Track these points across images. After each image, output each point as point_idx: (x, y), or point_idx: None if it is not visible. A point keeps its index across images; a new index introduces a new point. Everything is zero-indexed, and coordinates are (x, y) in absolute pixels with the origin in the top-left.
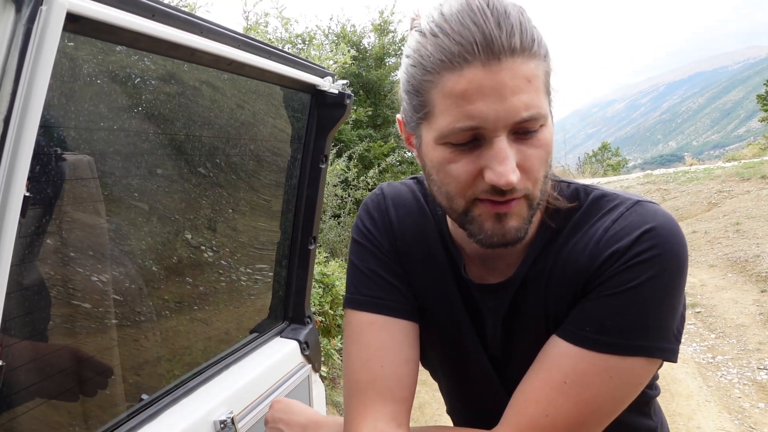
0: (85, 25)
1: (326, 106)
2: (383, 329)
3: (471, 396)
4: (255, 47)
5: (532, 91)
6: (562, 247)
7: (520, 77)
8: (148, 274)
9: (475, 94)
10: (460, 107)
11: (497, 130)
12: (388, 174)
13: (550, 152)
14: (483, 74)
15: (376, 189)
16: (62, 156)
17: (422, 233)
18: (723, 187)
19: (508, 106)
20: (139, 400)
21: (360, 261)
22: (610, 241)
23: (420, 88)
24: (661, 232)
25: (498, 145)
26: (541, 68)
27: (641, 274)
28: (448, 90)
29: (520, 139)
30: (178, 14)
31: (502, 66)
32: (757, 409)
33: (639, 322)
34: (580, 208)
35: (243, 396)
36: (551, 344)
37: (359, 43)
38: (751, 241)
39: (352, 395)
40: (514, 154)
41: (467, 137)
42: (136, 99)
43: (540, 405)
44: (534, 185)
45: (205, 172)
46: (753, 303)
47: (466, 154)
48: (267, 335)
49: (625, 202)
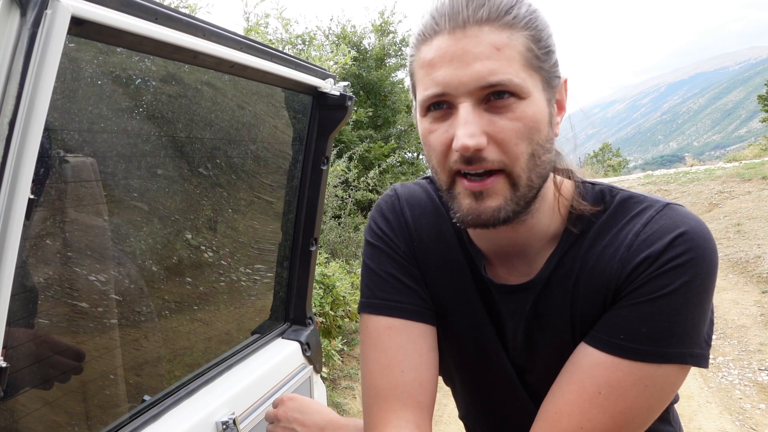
0: (89, 29)
1: (327, 107)
2: (402, 333)
3: (490, 401)
4: (257, 50)
5: (502, 59)
6: (590, 249)
7: (485, 44)
8: (151, 275)
9: (441, 61)
10: (429, 75)
11: (460, 96)
12: (388, 175)
13: (534, 129)
14: (448, 42)
15: (389, 190)
16: (65, 158)
17: (439, 233)
18: (724, 188)
19: (471, 71)
20: (142, 401)
21: (375, 264)
22: (642, 245)
23: (410, 67)
24: (694, 236)
25: (460, 111)
26: (517, 40)
27: (675, 280)
28: (421, 60)
29: (492, 109)
30: (181, 17)
31: (467, 33)
32: (758, 410)
33: (673, 329)
34: (606, 210)
35: (245, 397)
36: (581, 353)
37: (360, 44)
38: (752, 241)
39: (373, 402)
40: (480, 123)
41: (435, 101)
42: (139, 101)
43: (574, 418)
44: (513, 161)
45: (207, 174)
46: (754, 304)
47: (441, 123)
48: (268, 336)
49: (654, 205)
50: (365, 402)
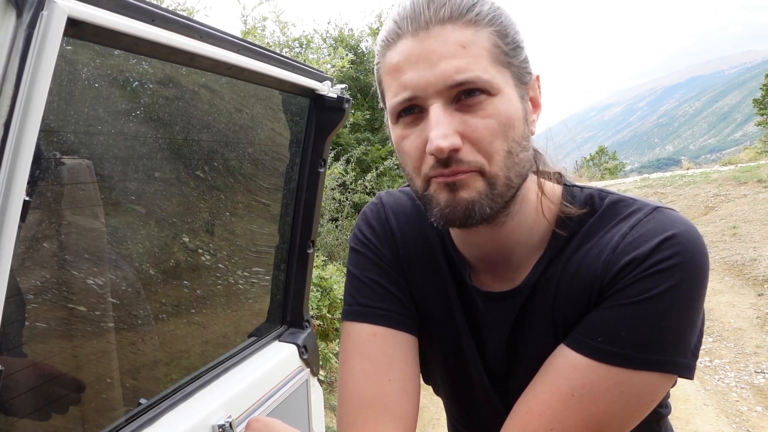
0: (86, 30)
1: (325, 110)
2: (388, 341)
3: (472, 414)
4: (255, 52)
5: (469, 56)
6: (575, 252)
7: (450, 43)
8: (148, 278)
9: (406, 64)
10: (396, 80)
11: (429, 98)
12: (385, 177)
13: (508, 125)
14: (412, 44)
15: (374, 198)
16: (62, 160)
17: (424, 241)
18: (720, 191)
19: (438, 71)
20: (138, 404)
21: (360, 270)
22: (628, 247)
23: (377, 75)
24: (683, 240)
25: (431, 113)
26: (482, 36)
27: (660, 284)
28: (387, 66)
29: (464, 108)
30: (178, 19)
31: (430, 34)
32: (755, 412)
33: (655, 334)
34: (594, 214)
35: (241, 400)
36: (559, 354)
37: (357, 47)
38: (748, 244)
39: (358, 412)
40: (452, 123)
41: (405, 106)
42: (136, 103)
43: (544, 418)
44: (489, 160)
45: (204, 176)
46: (750, 306)
47: (413, 128)
48: (265, 339)
49: (644, 208)
50: (346, 409)
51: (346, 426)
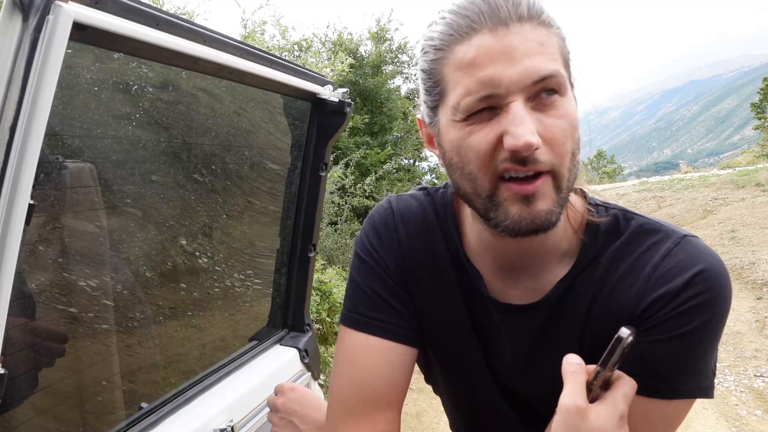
0: (91, 35)
1: (326, 114)
2: (380, 353)
3: (477, 421)
4: (257, 56)
5: (547, 54)
6: (605, 275)
7: (530, 41)
8: (150, 282)
9: (485, 59)
10: (471, 76)
11: (511, 95)
12: (384, 181)
13: (575, 127)
14: (491, 40)
15: (383, 201)
16: (65, 164)
17: (431, 251)
18: (718, 195)
19: (521, 68)
20: (139, 408)
21: (362, 279)
22: (660, 281)
23: (433, 69)
24: (712, 275)
25: (514, 109)
26: (553, 38)
27: (693, 320)
28: (458, 61)
29: (540, 108)
30: (182, 23)
31: (510, 31)
32: (755, 416)
33: (687, 367)
34: (619, 235)
35: (243, 404)
36: None
37: (356, 51)
38: (747, 248)
39: (340, 417)
40: (533, 121)
41: (482, 106)
42: (140, 107)
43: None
44: (561, 160)
45: (206, 180)
46: (749, 310)
47: (484, 125)
48: (266, 343)
49: (672, 236)
50: (330, 413)
51: (332, 427)
